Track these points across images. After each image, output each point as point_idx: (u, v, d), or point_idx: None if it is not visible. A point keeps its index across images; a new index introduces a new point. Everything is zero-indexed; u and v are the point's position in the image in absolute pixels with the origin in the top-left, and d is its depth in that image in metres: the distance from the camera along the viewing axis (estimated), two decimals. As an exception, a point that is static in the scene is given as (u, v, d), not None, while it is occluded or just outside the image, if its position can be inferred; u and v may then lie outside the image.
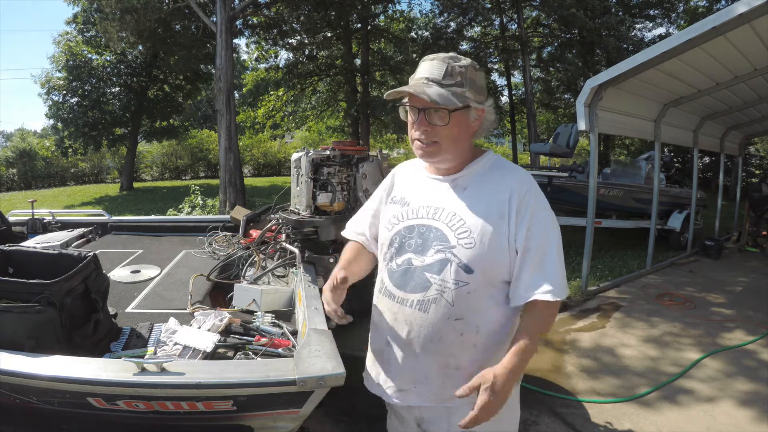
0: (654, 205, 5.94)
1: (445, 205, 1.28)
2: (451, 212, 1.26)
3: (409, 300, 1.26)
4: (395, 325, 1.30)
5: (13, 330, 1.39)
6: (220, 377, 1.27)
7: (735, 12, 3.38)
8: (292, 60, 15.23)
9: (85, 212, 5.40)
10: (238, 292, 1.95)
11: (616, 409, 2.82)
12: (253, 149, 23.53)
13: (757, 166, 17.11)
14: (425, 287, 1.24)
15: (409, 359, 1.29)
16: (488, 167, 1.31)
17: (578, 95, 4.59)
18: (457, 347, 1.25)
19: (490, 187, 1.27)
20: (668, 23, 15.94)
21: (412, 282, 1.26)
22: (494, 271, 1.23)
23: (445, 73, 1.21)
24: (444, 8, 14.59)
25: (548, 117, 20.50)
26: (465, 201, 1.27)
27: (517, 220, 1.22)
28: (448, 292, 1.22)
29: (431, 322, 1.24)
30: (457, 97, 1.20)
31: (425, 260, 1.25)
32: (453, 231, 1.24)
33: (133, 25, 10.75)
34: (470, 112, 1.24)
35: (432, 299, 1.23)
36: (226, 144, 10.14)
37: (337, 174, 2.42)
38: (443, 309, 1.22)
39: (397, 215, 1.35)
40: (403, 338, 1.28)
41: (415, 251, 1.27)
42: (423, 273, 1.24)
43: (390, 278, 1.31)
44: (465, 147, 1.30)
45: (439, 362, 1.27)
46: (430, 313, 1.24)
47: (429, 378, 1.28)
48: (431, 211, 1.29)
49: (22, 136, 22.22)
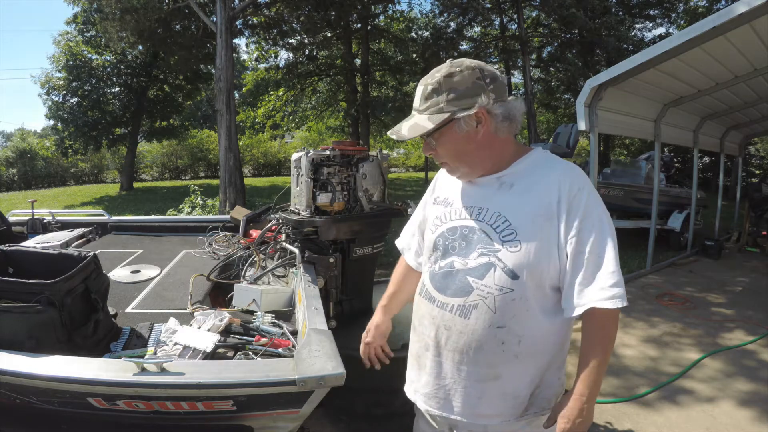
0: (654, 205, 5.94)
1: (490, 204, 1.20)
2: (495, 212, 1.18)
3: (450, 304, 1.20)
4: (433, 330, 1.23)
5: (13, 330, 1.39)
6: (220, 377, 1.27)
7: (735, 12, 3.38)
8: (292, 60, 15.25)
9: (85, 212, 5.41)
10: (238, 292, 1.95)
11: (616, 409, 2.82)
12: (253, 149, 23.55)
13: (757, 166, 17.11)
14: (467, 292, 1.17)
15: (446, 366, 1.23)
16: (536, 164, 1.22)
17: (578, 95, 4.59)
18: (497, 357, 1.17)
19: (537, 186, 1.17)
20: (668, 23, 15.97)
21: (454, 285, 1.20)
22: (542, 277, 1.14)
23: (422, 99, 1.18)
24: (444, 8, 14.58)
25: (548, 117, 20.52)
26: (510, 200, 1.18)
27: (567, 220, 1.12)
28: (490, 299, 1.14)
29: (471, 329, 1.17)
30: (435, 117, 1.15)
31: (468, 263, 1.18)
32: (498, 233, 1.16)
33: (133, 25, 10.75)
34: (460, 123, 1.15)
35: (473, 305, 1.16)
36: (226, 144, 10.14)
37: (337, 174, 2.42)
38: (485, 316, 1.15)
39: (441, 216, 1.29)
40: (441, 344, 1.22)
41: (458, 254, 1.21)
42: (465, 277, 1.18)
43: (431, 280, 1.26)
44: (483, 154, 1.20)
45: (478, 372, 1.19)
46: (470, 319, 1.17)
47: (466, 389, 1.21)
48: (475, 212, 1.22)
49: (22, 136, 22.23)
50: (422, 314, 1.28)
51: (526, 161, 1.22)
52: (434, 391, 1.26)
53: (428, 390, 1.27)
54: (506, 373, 1.19)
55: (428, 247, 1.31)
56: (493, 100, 1.14)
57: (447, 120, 1.14)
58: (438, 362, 1.24)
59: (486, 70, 1.17)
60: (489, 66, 1.19)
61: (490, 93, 1.14)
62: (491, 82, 1.15)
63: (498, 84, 1.16)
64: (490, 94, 1.14)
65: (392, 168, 24.84)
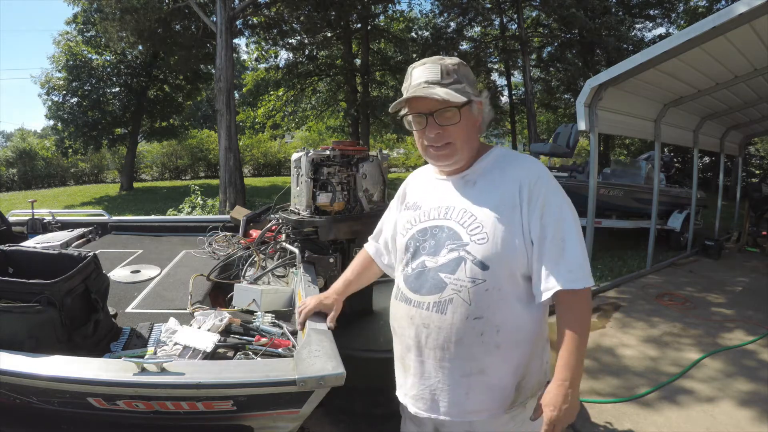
0: (654, 205, 5.94)
1: (456, 203, 1.25)
2: (461, 209, 1.23)
3: (426, 302, 1.22)
4: (413, 330, 1.26)
5: (13, 330, 1.39)
6: (220, 377, 1.27)
7: (735, 12, 3.38)
8: (292, 60, 15.25)
9: (85, 212, 5.40)
10: (238, 292, 1.95)
11: (616, 409, 2.82)
12: (253, 149, 23.55)
13: (757, 166, 17.11)
14: (441, 288, 1.20)
15: (428, 365, 1.24)
16: (496, 161, 1.28)
17: (578, 95, 4.59)
18: (478, 349, 1.19)
19: (499, 180, 1.23)
20: (668, 23, 15.97)
21: (427, 284, 1.22)
22: (511, 266, 1.18)
23: (442, 74, 1.20)
24: (444, 8, 14.59)
25: (548, 117, 20.51)
26: (475, 196, 1.24)
27: (529, 209, 1.17)
28: (464, 291, 1.18)
29: (449, 324, 1.19)
30: (461, 93, 1.18)
31: (438, 260, 1.21)
32: (465, 228, 1.20)
33: (133, 25, 10.75)
34: (473, 106, 1.23)
35: (448, 299, 1.19)
36: (226, 144, 10.14)
37: (337, 174, 2.42)
38: (461, 309, 1.18)
39: (410, 220, 1.33)
40: (422, 343, 1.24)
41: (428, 253, 1.24)
42: (437, 274, 1.21)
43: (405, 282, 1.28)
44: (476, 143, 1.28)
45: (462, 367, 1.21)
46: (447, 314, 1.19)
47: (452, 386, 1.23)
48: (442, 211, 1.26)
49: (22, 136, 22.23)
50: (400, 316, 1.30)
51: (487, 159, 1.29)
52: (420, 392, 1.27)
53: (415, 392, 1.29)
54: (490, 365, 1.20)
55: (400, 251, 1.34)
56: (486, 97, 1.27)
57: (467, 101, 1.20)
58: (421, 362, 1.26)
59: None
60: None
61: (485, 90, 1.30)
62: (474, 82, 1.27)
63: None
64: (485, 91, 1.29)
65: (392, 168, 24.84)
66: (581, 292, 1.15)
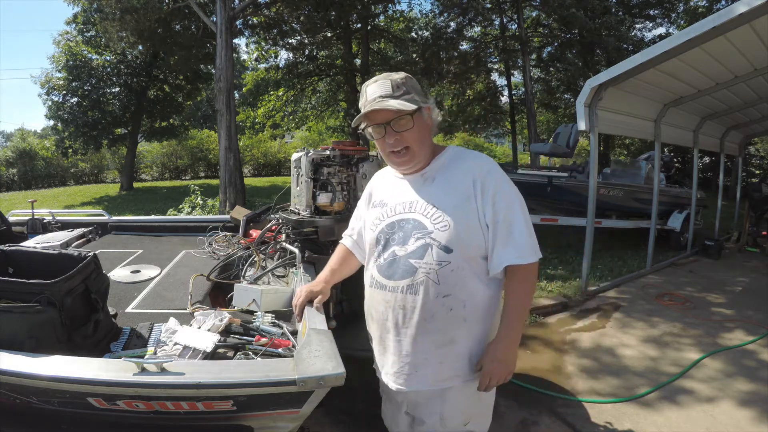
0: (654, 205, 5.94)
1: (418, 197, 1.42)
2: (424, 203, 1.40)
3: (400, 286, 1.38)
4: (390, 313, 1.41)
5: (13, 330, 1.39)
6: (220, 377, 1.27)
7: (735, 12, 3.38)
8: (292, 60, 15.23)
9: (85, 212, 5.40)
10: (238, 292, 1.94)
11: (616, 409, 2.82)
12: (253, 149, 23.54)
13: (757, 166, 17.11)
14: (412, 272, 1.36)
15: (406, 343, 1.40)
16: (451, 158, 1.46)
17: (578, 95, 4.59)
18: (448, 322, 1.37)
19: (455, 175, 1.41)
20: (668, 23, 15.95)
21: (400, 270, 1.38)
22: (471, 248, 1.35)
23: (393, 88, 1.38)
24: (444, 8, 14.56)
25: (548, 117, 20.49)
26: (435, 190, 1.41)
27: (482, 198, 1.35)
28: (433, 273, 1.34)
29: (422, 303, 1.35)
30: (411, 102, 1.36)
31: (408, 248, 1.38)
32: (428, 218, 1.37)
33: (133, 25, 10.74)
34: (423, 112, 1.40)
35: (420, 281, 1.35)
36: (226, 144, 10.13)
37: (337, 174, 2.42)
38: (431, 288, 1.34)
39: (378, 216, 1.49)
40: (399, 323, 1.40)
41: (397, 243, 1.40)
42: (408, 260, 1.37)
43: (379, 272, 1.44)
44: (430, 145, 1.46)
45: (435, 340, 1.38)
46: (420, 294, 1.35)
47: (428, 359, 1.39)
48: (407, 206, 1.43)
49: (22, 136, 22.21)
50: (377, 302, 1.45)
51: (443, 157, 1.47)
52: (400, 368, 1.43)
53: (396, 369, 1.44)
54: (459, 335, 1.39)
55: (370, 244, 1.50)
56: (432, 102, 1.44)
57: (417, 108, 1.37)
58: (398, 341, 1.42)
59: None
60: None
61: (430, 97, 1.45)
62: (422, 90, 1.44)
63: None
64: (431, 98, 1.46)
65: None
66: (527, 266, 1.35)
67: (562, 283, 5.15)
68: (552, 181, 6.34)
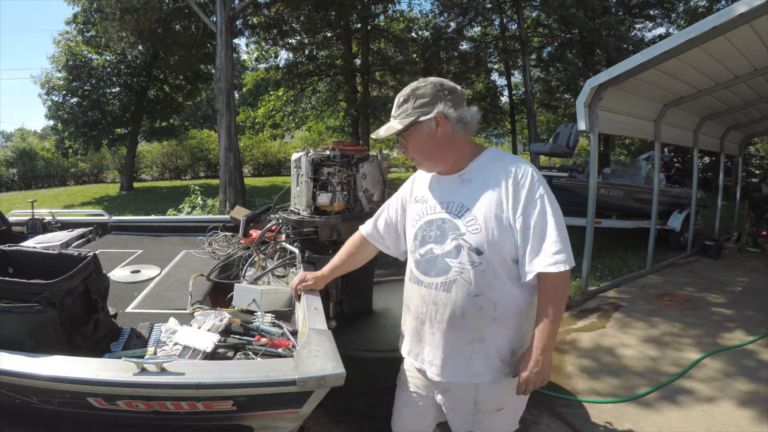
0: (654, 205, 5.94)
1: (455, 198, 1.46)
2: (459, 204, 1.44)
3: (435, 283, 1.44)
4: (425, 307, 1.48)
5: (13, 330, 1.39)
6: (220, 377, 1.27)
7: (735, 12, 3.38)
8: (292, 60, 15.22)
9: (85, 212, 5.40)
10: (238, 292, 1.94)
11: (616, 409, 2.82)
12: (253, 149, 23.54)
13: (757, 166, 17.10)
14: (447, 270, 1.42)
15: (439, 335, 1.46)
16: (489, 160, 1.47)
17: (578, 95, 4.59)
18: (478, 321, 1.41)
19: (490, 178, 1.42)
20: (668, 23, 15.94)
21: (436, 268, 1.44)
22: (501, 251, 1.37)
23: (396, 107, 1.46)
24: (444, 8, 14.57)
25: (548, 117, 20.49)
26: (470, 192, 1.43)
27: (513, 203, 1.36)
28: (466, 273, 1.39)
29: (454, 300, 1.41)
30: (404, 120, 1.42)
31: (444, 248, 1.43)
32: (462, 220, 1.41)
33: (133, 25, 10.74)
34: (423, 125, 1.42)
35: (453, 280, 1.41)
36: (226, 144, 10.13)
37: (337, 174, 2.42)
38: (463, 287, 1.40)
39: (419, 212, 1.54)
40: (433, 317, 1.47)
41: (435, 241, 1.45)
42: (444, 259, 1.43)
43: (416, 267, 1.51)
44: (443, 151, 1.46)
45: (465, 337, 1.43)
46: (452, 292, 1.41)
47: (457, 352, 1.45)
48: (444, 205, 1.47)
49: (22, 136, 22.22)
50: (414, 296, 1.52)
51: (481, 159, 1.48)
52: (434, 358, 1.49)
53: (430, 358, 1.50)
54: (488, 335, 1.42)
55: (410, 239, 1.56)
56: (449, 107, 1.41)
57: (412, 123, 1.41)
58: (432, 333, 1.48)
59: (446, 84, 1.44)
60: (451, 82, 1.46)
61: (447, 102, 1.41)
62: (449, 93, 1.42)
63: (456, 95, 1.43)
64: (447, 103, 1.41)
65: (392, 168, 24.84)
66: (559, 274, 1.33)
67: (562, 283, 5.14)
68: (552, 181, 6.33)
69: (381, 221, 1.73)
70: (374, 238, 1.75)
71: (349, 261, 1.81)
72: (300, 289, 1.80)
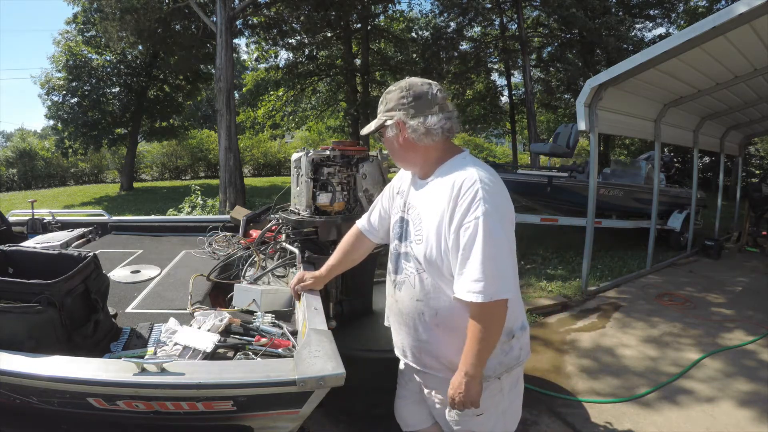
0: (654, 205, 5.94)
1: (416, 203, 1.47)
2: (416, 209, 1.46)
3: (394, 279, 1.54)
4: (390, 300, 1.60)
5: (13, 330, 1.39)
6: (220, 377, 1.27)
7: (735, 12, 3.38)
8: (292, 60, 15.23)
9: (85, 212, 5.40)
10: (238, 292, 1.95)
11: (616, 409, 2.82)
12: (253, 149, 23.52)
13: (757, 166, 17.09)
14: (401, 271, 1.50)
15: (399, 327, 1.56)
16: (450, 168, 1.39)
17: (578, 95, 4.59)
18: (420, 324, 1.46)
19: (442, 188, 1.36)
20: (668, 23, 15.93)
21: (396, 264, 1.53)
22: (440, 265, 1.36)
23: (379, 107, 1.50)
24: (444, 8, 14.57)
25: (548, 117, 20.48)
26: (425, 200, 1.43)
27: (449, 219, 1.30)
28: (412, 277, 1.45)
29: (402, 300, 1.50)
30: (376, 122, 1.47)
31: (403, 248, 1.50)
32: (414, 228, 1.45)
33: (133, 25, 10.74)
34: (389, 128, 1.44)
35: (402, 281, 1.49)
36: (226, 144, 10.13)
37: (337, 174, 2.42)
38: (409, 290, 1.46)
39: (397, 206, 1.58)
40: (393, 310, 1.58)
41: (399, 239, 1.53)
42: (401, 259, 1.51)
43: (389, 261, 1.59)
44: (408, 155, 1.46)
45: (412, 334, 1.50)
46: (402, 292, 1.49)
47: (411, 346, 1.52)
48: (408, 207, 1.51)
49: (22, 136, 22.22)
50: (387, 287, 1.62)
51: (445, 166, 1.42)
52: (401, 346, 1.59)
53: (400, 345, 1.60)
54: (431, 339, 1.45)
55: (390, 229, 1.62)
56: (411, 115, 1.39)
57: (379, 125, 1.46)
58: (395, 324, 1.59)
59: (415, 90, 1.39)
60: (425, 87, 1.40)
61: (409, 109, 1.39)
62: (414, 100, 1.39)
63: (421, 102, 1.39)
64: (409, 110, 1.39)
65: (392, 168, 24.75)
66: (480, 305, 1.24)
67: (562, 283, 5.15)
68: (552, 181, 6.33)
69: (375, 214, 1.74)
70: (369, 232, 1.77)
71: (345, 259, 1.81)
72: (298, 288, 1.80)
